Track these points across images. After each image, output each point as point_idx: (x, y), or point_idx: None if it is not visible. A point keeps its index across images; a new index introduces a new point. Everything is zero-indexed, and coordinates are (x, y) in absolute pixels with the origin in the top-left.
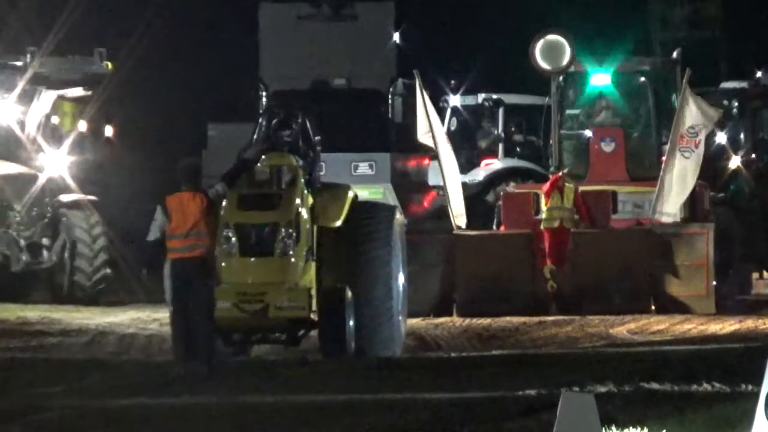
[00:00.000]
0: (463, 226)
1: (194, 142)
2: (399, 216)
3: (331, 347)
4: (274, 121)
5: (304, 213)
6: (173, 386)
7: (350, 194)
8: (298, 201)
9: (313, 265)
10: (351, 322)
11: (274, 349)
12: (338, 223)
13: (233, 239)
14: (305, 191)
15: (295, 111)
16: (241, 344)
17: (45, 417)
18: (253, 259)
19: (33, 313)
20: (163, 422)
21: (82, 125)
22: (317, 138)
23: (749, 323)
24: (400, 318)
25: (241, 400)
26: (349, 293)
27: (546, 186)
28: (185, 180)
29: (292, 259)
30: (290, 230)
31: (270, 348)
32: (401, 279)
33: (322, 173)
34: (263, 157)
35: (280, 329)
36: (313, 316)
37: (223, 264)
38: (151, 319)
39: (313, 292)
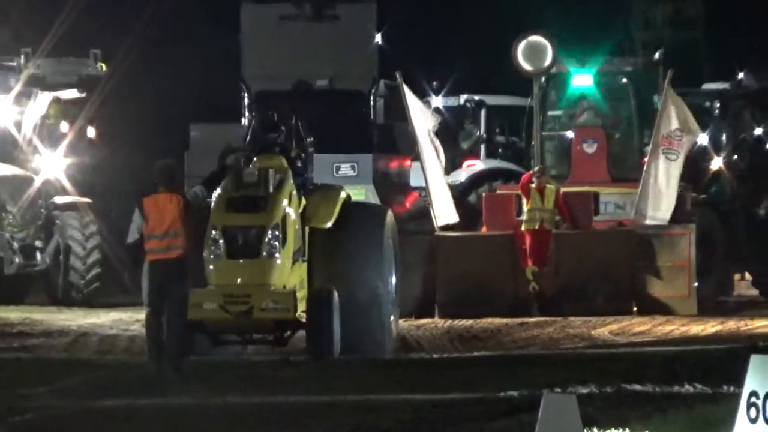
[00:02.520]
0: (455, 220)
1: (176, 142)
2: (390, 217)
3: (318, 348)
4: (266, 123)
5: (292, 215)
6: (155, 387)
7: (342, 195)
8: (285, 203)
9: (302, 266)
10: (338, 323)
11: (258, 349)
12: (329, 225)
13: (220, 241)
14: (294, 193)
15: (287, 112)
16: (230, 344)
17: (27, 418)
18: (239, 261)
19: (15, 314)
20: (145, 423)
21: (64, 126)
22: (310, 139)
23: (731, 324)
24: (391, 318)
25: (224, 400)
26: (337, 295)
27: (519, 185)
28: (161, 181)
29: (278, 262)
30: (276, 233)
31: (254, 348)
32: (393, 280)
33: (311, 174)
34: (254, 158)
35: (265, 330)
36: (304, 317)
37: (211, 266)
38: (133, 320)
39: (303, 293)
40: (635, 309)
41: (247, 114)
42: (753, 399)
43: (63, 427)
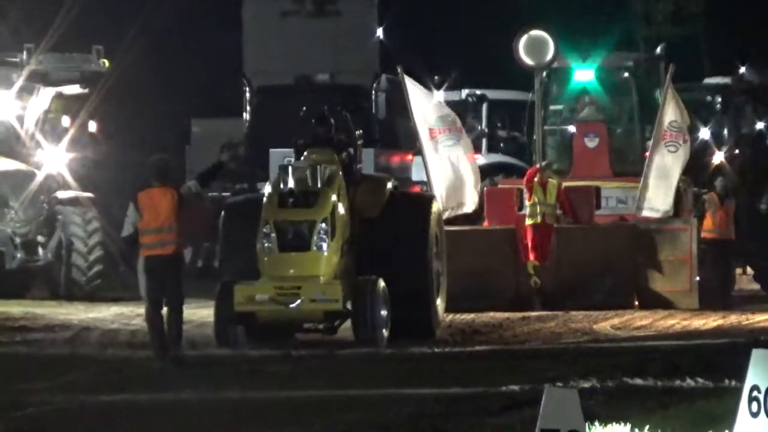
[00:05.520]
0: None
1: (178, 137)
2: (436, 206)
3: (364, 337)
4: (317, 117)
5: (341, 208)
6: (157, 381)
7: (389, 186)
8: (334, 197)
9: (350, 256)
10: (384, 312)
11: (258, 344)
12: (376, 214)
13: (272, 235)
14: (343, 185)
15: (335, 106)
16: (280, 334)
17: (28, 413)
18: (290, 254)
19: (16, 308)
20: (146, 418)
21: (65, 121)
22: (358, 132)
23: (732, 319)
24: (438, 301)
25: (225, 395)
26: (382, 283)
27: (524, 180)
28: (155, 176)
29: (327, 254)
30: (326, 226)
31: (255, 343)
32: (438, 265)
33: (360, 165)
34: (305, 153)
35: (314, 321)
36: (349, 306)
37: (265, 259)
38: (134, 314)
39: (351, 282)
40: (637, 303)
41: (248, 109)
42: (754, 393)
43: (64, 422)
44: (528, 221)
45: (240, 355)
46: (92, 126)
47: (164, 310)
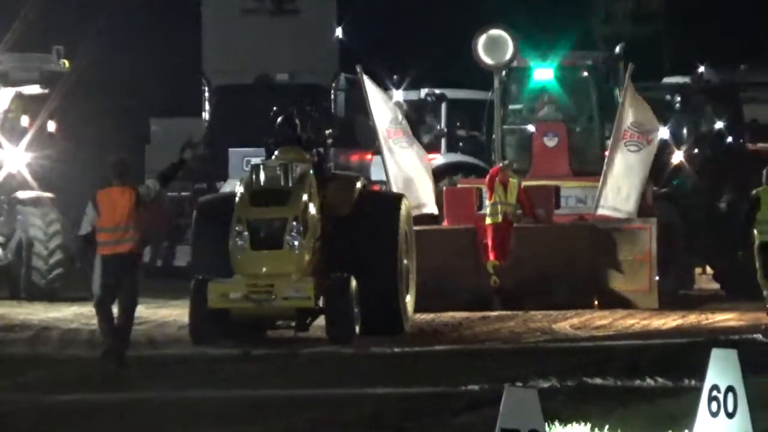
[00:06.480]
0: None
1: (137, 137)
2: (405, 204)
3: (338, 335)
4: (284, 118)
5: (312, 206)
6: (118, 381)
7: (358, 184)
8: (306, 196)
9: (321, 254)
10: (356, 309)
11: (232, 342)
12: (346, 212)
13: (245, 233)
14: (314, 184)
15: (305, 106)
16: (254, 330)
17: None
18: (262, 252)
19: None
20: (106, 417)
21: (24, 120)
22: (328, 131)
23: (692, 318)
24: (408, 297)
25: (185, 394)
26: (354, 282)
27: (487, 179)
28: (115, 175)
29: (299, 252)
30: (298, 224)
31: (229, 341)
32: (407, 263)
33: (330, 164)
34: (276, 152)
35: (287, 318)
36: (321, 303)
37: (238, 257)
38: (93, 314)
39: (321, 280)
40: (596, 303)
41: (207, 108)
42: (714, 393)
43: (24, 422)
44: (488, 220)
45: (200, 354)
46: (51, 126)
47: (115, 310)
